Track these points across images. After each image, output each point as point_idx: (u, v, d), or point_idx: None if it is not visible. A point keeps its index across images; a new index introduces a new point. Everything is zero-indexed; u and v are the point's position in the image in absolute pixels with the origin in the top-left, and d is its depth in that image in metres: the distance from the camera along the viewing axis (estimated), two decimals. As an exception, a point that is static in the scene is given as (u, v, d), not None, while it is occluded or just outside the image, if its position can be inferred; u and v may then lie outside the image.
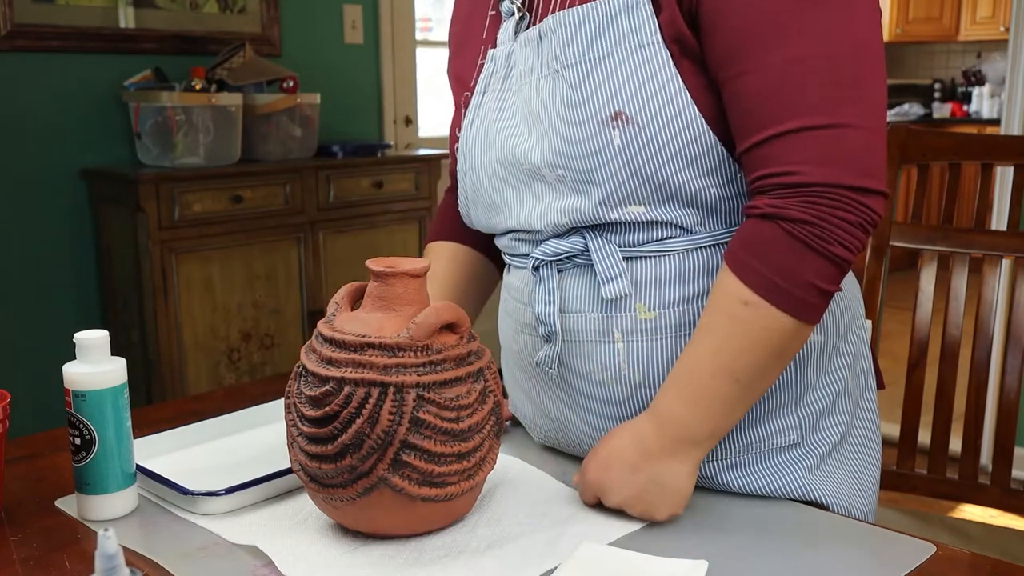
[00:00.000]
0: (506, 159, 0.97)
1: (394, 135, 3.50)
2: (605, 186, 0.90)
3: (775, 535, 0.86)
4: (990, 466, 1.41)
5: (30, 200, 2.65)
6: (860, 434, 1.02)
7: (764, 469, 0.95)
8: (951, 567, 0.82)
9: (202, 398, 1.36)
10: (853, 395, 1.00)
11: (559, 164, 0.92)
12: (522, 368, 1.04)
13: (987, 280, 1.41)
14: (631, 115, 0.87)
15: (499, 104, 0.99)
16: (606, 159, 0.89)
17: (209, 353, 2.66)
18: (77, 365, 0.88)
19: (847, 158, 0.82)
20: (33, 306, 2.69)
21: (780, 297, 0.83)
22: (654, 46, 0.87)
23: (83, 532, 0.88)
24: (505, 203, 0.99)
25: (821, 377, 0.96)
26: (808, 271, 0.83)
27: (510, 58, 0.98)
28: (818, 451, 0.96)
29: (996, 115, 6.08)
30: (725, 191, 0.90)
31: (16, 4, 2.54)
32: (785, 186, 0.83)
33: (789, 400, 0.95)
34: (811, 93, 0.82)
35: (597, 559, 0.80)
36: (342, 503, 0.82)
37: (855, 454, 1.01)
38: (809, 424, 0.96)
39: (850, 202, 0.82)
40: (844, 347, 0.99)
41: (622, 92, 0.87)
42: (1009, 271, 1.50)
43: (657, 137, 0.87)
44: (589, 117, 0.89)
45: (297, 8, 3.16)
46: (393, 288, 0.84)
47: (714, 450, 0.94)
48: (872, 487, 1.03)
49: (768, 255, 0.83)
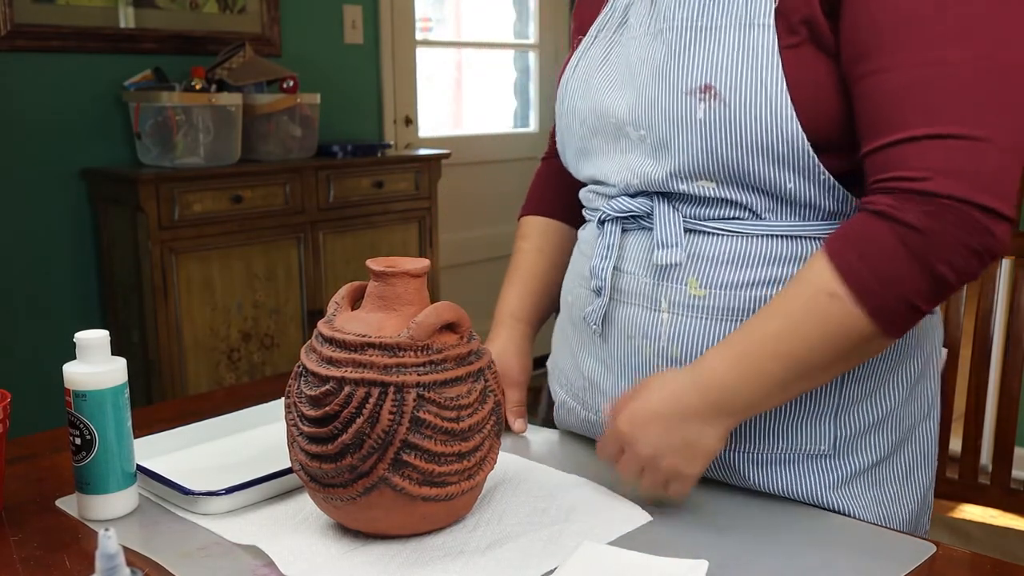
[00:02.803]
0: (597, 109, 0.98)
1: (394, 135, 3.50)
2: (680, 156, 0.89)
3: (775, 535, 0.86)
4: (990, 466, 1.41)
5: (30, 200, 2.65)
6: (906, 463, 0.96)
7: (786, 471, 0.93)
8: (951, 567, 0.82)
9: (202, 398, 1.36)
10: (907, 421, 0.95)
11: (642, 124, 0.91)
12: (572, 320, 1.06)
13: (987, 280, 1.41)
14: (720, 91, 0.85)
15: (604, 54, 0.99)
16: (686, 130, 0.87)
17: (209, 353, 2.66)
18: (77, 365, 0.88)
19: (982, 175, 0.76)
20: (33, 306, 2.69)
21: (869, 298, 0.79)
22: (763, 28, 0.84)
23: (83, 532, 0.88)
24: (592, 151, 1.00)
25: (871, 395, 0.92)
26: (906, 282, 0.79)
27: (627, 10, 0.98)
28: (848, 469, 0.93)
29: (996, 115, 6.06)
30: (803, 187, 0.87)
31: (16, 4, 2.54)
32: (910, 191, 0.78)
33: (828, 410, 0.91)
34: (953, 99, 0.77)
35: (597, 559, 0.80)
36: (342, 503, 0.82)
37: (895, 483, 0.95)
38: (845, 439, 0.92)
39: (974, 223, 0.77)
40: (903, 370, 0.94)
41: (717, 66, 0.85)
42: (1009, 271, 1.49)
43: (741, 119, 0.85)
44: (679, 84, 0.87)
45: (297, 8, 3.16)
46: (393, 288, 0.84)
47: (739, 441, 0.93)
48: (906, 520, 0.97)
49: (870, 253, 0.79)
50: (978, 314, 1.41)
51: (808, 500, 0.93)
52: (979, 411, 1.42)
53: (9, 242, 2.62)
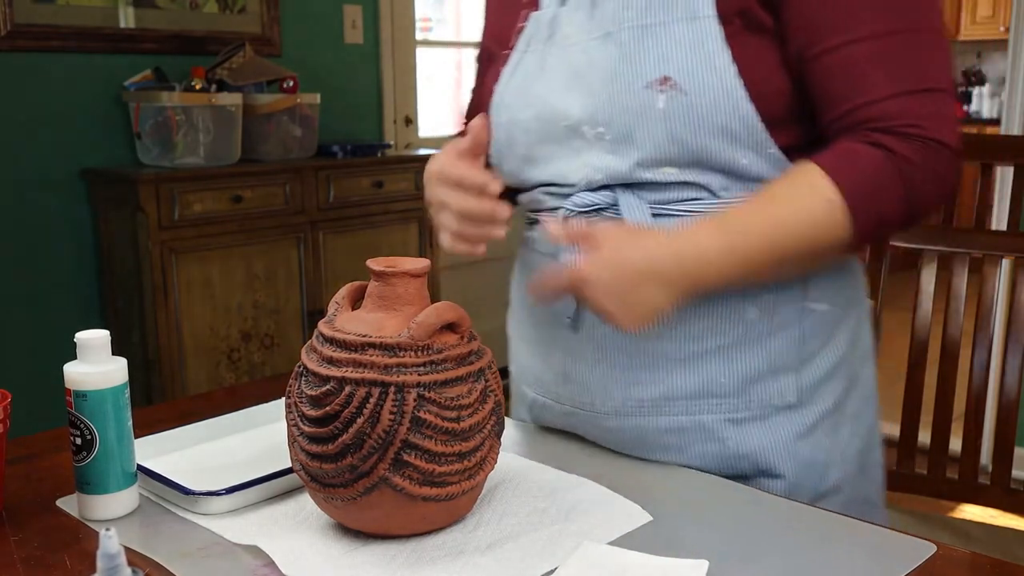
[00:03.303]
0: (544, 115, 1.00)
1: (394, 135, 3.50)
2: (643, 147, 0.94)
3: (775, 535, 0.86)
4: (990, 466, 1.41)
5: (30, 200, 2.65)
6: (855, 405, 1.05)
7: (760, 426, 0.99)
8: (951, 567, 0.82)
9: (202, 398, 1.36)
10: (852, 367, 1.04)
11: (600, 122, 0.95)
12: (535, 322, 1.08)
13: (987, 280, 1.41)
14: (678, 81, 0.91)
15: (540, 64, 1.02)
16: (648, 121, 0.93)
17: (209, 353, 2.66)
18: (78, 365, 0.88)
19: (949, 120, 0.89)
20: (33, 306, 2.69)
21: (858, 212, 0.88)
22: (706, 19, 0.91)
23: (84, 532, 0.89)
24: (541, 157, 1.02)
25: (824, 346, 1.01)
26: (891, 204, 0.89)
27: (554, 21, 1.01)
28: (811, 417, 1.00)
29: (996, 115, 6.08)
30: (755, 162, 0.93)
31: (16, 4, 2.54)
32: (903, 134, 0.88)
33: (793, 364, 0.99)
34: (925, 58, 0.90)
35: (597, 559, 0.80)
36: (343, 503, 0.82)
37: (848, 424, 1.04)
38: (808, 389, 1.00)
39: (949, 161, 0.89)
40: (847, 320, 1.03)
41: (672, 59, 0.92)
42: (1009, 271, 1.50)
43: (699, 105, 0.91)
44: (637, 79, 0.93)
45: (297, 8, 3.16)
46: (394, 288, 0.84)
47: (717, 405, 0.99)
48: (854, 459, 1.05)
49: (868, 174, 0.88)
50: (978, 314, 1.41)
51: (780, 453, 1.00)
52: (979, 411, 1.42)
53: (9, 242, 2.62)
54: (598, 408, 1.03)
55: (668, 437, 1.01)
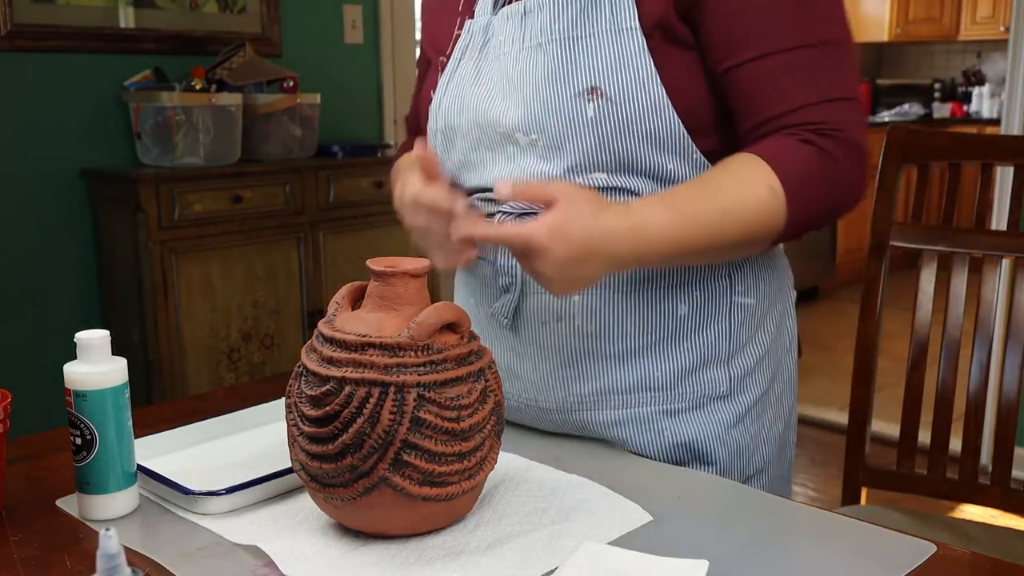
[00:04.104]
0: (480, 122, 1.03)
1: (394, 135, 3.50)
2: (574, 153, 0.97)
3: (775, 535, 0.87)
4: (990, 466, 1.40)
5: (30, 200, 2.65)
6: (777, 390, 1.11)
7: (695, 416, 1.04)
8: (951, 567, 0.82)
9: (202, 398, 1.36)
10: (777, 356, 1.11)
11: (534, 129, 0.99)
12: (476, 321, 1.09)
13: (987, 280, 1.41)
14: (606, 91, 0.95)
15: (475, 71, 1.05)
16: (578, 129, 0.97)
17: (209, 353, 2.66)
18: (78, 365, 0.88)
19: (865, 127, 0.98)
20: (33, 306, 2.69)
21: (793, 203, 0.92)
22: (631, 31, 0.95)
23: (84, 532, 0.89)
24: (477, 162, 1.06)
25: (752, 338, 1.07)
26: (818, 200, 0.94)
27: (488, 29, 1.05)
28: (740, 406, 1.06)
29: (996, 115, 6.08)
30: (680, 166, 0.98)
31: (16, 4, 2.54)
32: (828, 135, 0.93)
33: (723, 356, 1.05)
34: (836, 69, 0.95)
35: (597, 559, 0.80)
36: (342, 503, 0.82)
37: (771, 409, 1.10)
38: (738, 378, 1.06)
39: (864, 165, 0.96)
40: (772, 313, 1.09)
41: (599, 69, 0.96)
42: (1009, 271, 1.49)
43: (626, 113, 0.95)
44: (567, 88, 0.97)
45: (297, 8, 3.16)
46: (393, 288, 0.84)
47: (653, 398, 1.04)
48: (775, 441, 1.11)
49: (802, 169, 0.93)
50: (978, 314, 1.41)
51: (714, 440, 1.05)
52: (979, 411, 1.42)
53: (9, 242, 2.62)
54: (541, 404, 1.07)
55: (609, 430, 1.05)
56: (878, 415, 1.59)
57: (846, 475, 1.47)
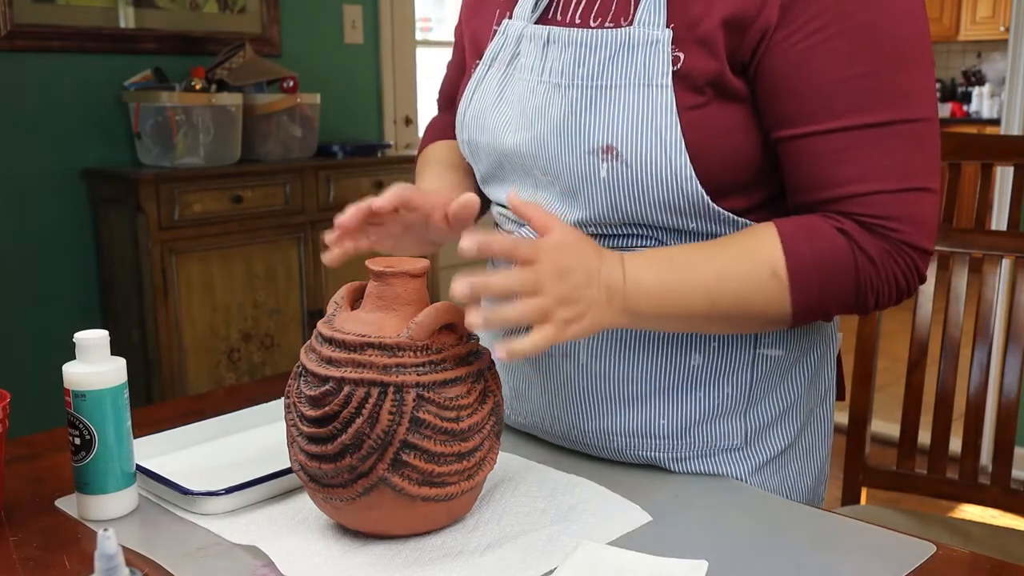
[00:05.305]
0: (499, 148, 0.98)
1: (394, 135, 3.50)
2: (587, 208, 0.91)
3: (775, 535, 0.86)
4: (990, 466, 1.40)
5: (30, 200, 2.65)
6: (807, 443, 1.03)
7: (706, 463, 0.98)
8: (951, 567, 0.82)
9: (202, 398, 1.36)
10: (807, 407, 1.02)
11: (549, 172, 0.93)
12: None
13: (987, 280, 1.41)
14: (622, 152, 0.87)
15: (499, 89, 0.99)
16: (590, 185, 0.90)
17: (209, 353, 2.66)
18: (77, 365, 0.88)
19: (928, 222, 0.86)
20: (33, 306, 2.69)
21: (801, 294, 0.85)
22: (662, 88, 0.86)
23: (83, 532, 0.88)
24: (503, 179, 1.01)
25: (775, 390, 0.98)
26: (838, 296, 0.86)
27: (519, 41, 0.97)
28: (759, 458, 0.99)
29: (996, 115, 6.08)
30: (704, 225, 0.90)
31: (16, 4, 2.54)
32: (873, 227, 0.85)
33: (739, 408, 0.97)
34: (913, 153, 0.85)
35: (597, 559, 0.80)
36: (342, 503, 0.82)
37: (797, 462, 1.02)
38: (754, 432, 0.98)
39: (915, 265, 0.87)
40: (804, 362, 1.00)
41: (618, 127, 0.87)
42: (1009, 271, 1.49)
43: (643, 180, 0.87)
44: (581, 143, 0.89)
45: (297, 8, 3.16)
46: (393, 288, 0.84)
47: (658, 445, 0.97)
48: (803, 493, 1.04)
49: (823, 259, 0.85)
50: (978, 314, 1.41)
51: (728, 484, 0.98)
52: (979, 411, 1.42)
53: (9, 242, 2.62)
54: (545, 431, 1.04)
55: (614, 468, 0.99)
56: (878, 415, 1.59)
57: (846, 475, 1.47)
